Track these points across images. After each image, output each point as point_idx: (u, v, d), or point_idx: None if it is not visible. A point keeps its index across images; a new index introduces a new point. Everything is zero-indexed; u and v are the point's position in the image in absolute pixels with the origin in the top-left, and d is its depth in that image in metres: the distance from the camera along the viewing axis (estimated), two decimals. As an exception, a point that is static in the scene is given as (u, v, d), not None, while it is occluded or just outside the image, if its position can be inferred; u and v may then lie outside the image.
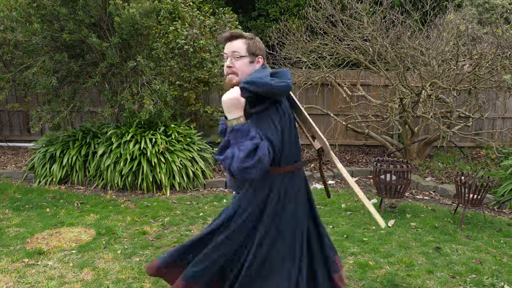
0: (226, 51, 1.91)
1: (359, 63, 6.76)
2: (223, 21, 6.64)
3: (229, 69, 1.89)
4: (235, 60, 1.87)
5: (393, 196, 4.59)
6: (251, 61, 1.89)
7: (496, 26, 5.47)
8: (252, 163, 1.69)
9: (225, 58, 1.91)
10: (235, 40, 1.89)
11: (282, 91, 1.80)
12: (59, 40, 5.37)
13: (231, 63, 1.88)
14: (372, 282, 3.10)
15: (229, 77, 1.89)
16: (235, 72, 1.88)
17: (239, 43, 1.89)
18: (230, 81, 1.88)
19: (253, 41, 1.91)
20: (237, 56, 1.87)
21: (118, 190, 5.42)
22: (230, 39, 1.90)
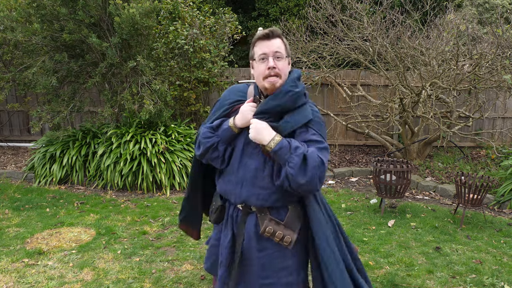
0: (265, 50, 1.70)
1: (359, 63, 6.76)
2: (223, 21, 6.64)
3: (272, 70, 1.69)
4: (277, 60, 1.70)
5: (393, 196, 4.59)
6: (289, 63, 1.77)
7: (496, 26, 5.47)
8: (310, 176, 1.61)
9: (261, 59, 1.71)
10: (275, 39, 1.72)
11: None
12: (59, 40, 5.37)
13: (274, 63, 1.68)
14: (372, 282, 3.10)
15: (272, 80, 1.70)
16: (278, 73, 1.70)
17: (279, 42, 1.72)
18: (274, 85, 1.70)
19: (286, 40, 1.79)
20: (279, 56, 1.70)
21: (118, 190, 5.42)
22: (270, 37, 1.71)
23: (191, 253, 3.55)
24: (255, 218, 1.81)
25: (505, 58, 5.28)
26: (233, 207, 1.87)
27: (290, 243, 1.77)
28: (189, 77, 6.17)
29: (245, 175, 1.78)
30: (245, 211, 1.83)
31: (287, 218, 1.80)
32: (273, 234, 1.76)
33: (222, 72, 6.59)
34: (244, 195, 1.78)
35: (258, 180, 1.76)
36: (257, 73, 1.75)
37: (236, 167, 1.80)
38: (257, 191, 1.76)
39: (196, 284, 3.06)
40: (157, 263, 3.37)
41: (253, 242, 1.81)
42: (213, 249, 1.99)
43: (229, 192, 1.84)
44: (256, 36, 1.76)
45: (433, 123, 5.89)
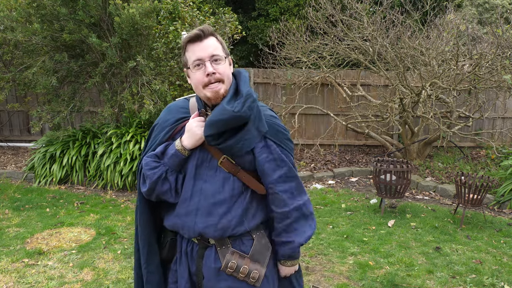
0: (200, 54, 1.43)
1: (359, 63, 6.76)
2: (223, 21, 6.64)
3: (211, 76, 1.43)
4: (216, 64, 1.44)
5: (393, 196, 4.59)
6: (230, 63, 1.52)
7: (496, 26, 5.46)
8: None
9: (196, 66, 1.45)
10: (208, 38, 1.45)
11: None
12: (59, 40, 5.37)
13: (213, 68, 1.43)
14: (372, 282, 3.10)
15: (214, 87, 1.45)
16: (220, 79, 1.45)
17: (214, 42, 1.46)
18: (217, 92, 1.45)
19: (220, 38, 1.51)
20: (218, 58, 1.45)
21: (118, 190, 5.42)
22: (202, 38, 1.44)
23: (191, 253, 3.55)
24: (214, 252, 1.54)
25: (505, 58, 5.28)
26: (187, 241, 1.58)
27: (258, 279, 1.52)
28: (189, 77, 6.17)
29: (200, 203, 1.50)
30: (202, 244, 1.55)
31: (253, 249, 1.54)
32: (236, 270, 1.50)
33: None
34: (200, 226, 1.50)
35: (216, 206, 1.49)
36: (195, 82, 1.48)
37: (188, 195, 1.52)
38: (215, 219, 1.49)
39: (196, 284, 3.05)
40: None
41: (213, 281, 1.53)
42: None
43: (180, 226, 1.54)
44: (185, 38, 1.47)
45: (433, 123, 5.89)
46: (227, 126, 1.42)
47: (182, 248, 1.59)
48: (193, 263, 1.57)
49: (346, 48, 6.44)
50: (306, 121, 7.57)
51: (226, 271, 1.50)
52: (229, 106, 1.41)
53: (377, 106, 6.59)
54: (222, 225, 1.49)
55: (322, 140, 7.32)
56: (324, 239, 3.91)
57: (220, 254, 1.52)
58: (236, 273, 1.50)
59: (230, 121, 1.41)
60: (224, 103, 1.43)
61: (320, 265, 3.39)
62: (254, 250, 1.54)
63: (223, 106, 1.42)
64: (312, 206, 1.60)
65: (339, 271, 3.28)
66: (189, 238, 1.56)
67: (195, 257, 1.56)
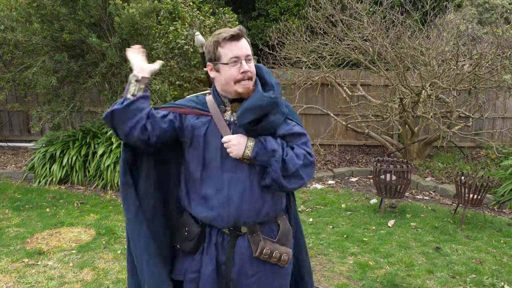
0: (238, 53, 1.56)
1: (359, 63, 6.76)
2: (223, 21, 6.63)
3: (246, 74, 1.57)
4: (249, 63, 1.58)
5: (393, 196, 4.59)
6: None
7: (496, 26, 5.46)
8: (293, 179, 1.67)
9: (234, 62, 1.57)
10: (243, 39, 1.59)
11: None
12: (59, 40, 5.37)
13: (249, 66, 1.57)
14: (372, 282, 3.10)
15: (245, 84, 1.58)
16: (251, 77, 1.59)
17: (246, 42, 1.60)
18: (248, 89, 1.59)
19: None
20: (250, 58, 1.59)
21: (118, 190, 5.42)
22: (239, 38, 1.57)
23: (191, 253, 3.55)
24: (246, 240, 1.65)
25: (505, 58, 5.28)
26: (216, 232, 1.67)
27: (287, 261, 1.67)
28: (189, 77, 6.17)
29: (232, 193, 1.60)
30: (234, 234, 1.65)
31: (280, 234, 1.69)
32: (270, 255, 1.63)
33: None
34: (233, 215, 1.60)
35: (246, 194, 1.61)
36: (226, 77, 1.59)
37: (220, 187, 1.61)
38: (247, 206, 1.61)
39: (196, 284, 3.05)
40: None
41: (245, 267, 1.64)
42: (192, 285, 1.69)
43: (214, 217, 1.62)
44: (221, 36, 1.58)
45: (433, 123, 5.89)
46: (265, 110, 1.57)
47: (212, 239, 1.67)
48: (224, 253, 1.66)
49: (346, 48, 6.44)
50: (306, 121, 7.57)
51: (261, 257, 1.62)
52: (266, 93, 1.58)
53: (377, 106, 6.59)
54: (253, 211, 1.62)
55: (322, 140, 7.31)
56: (324, 239, 3.91)
57: (252, 241, 1.64)
58: (270, 258, 1.63)
59: (268, 106, 1.57)
60: (260, 90, 1.58)
61: (320, 265, 3.39)
62: (280, 234, 1.68)
63: (261, 93, 1.57)
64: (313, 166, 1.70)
65: (339, 271, 3.28)
66: (220, 229, 1.66)
67: (225, 247, 1.65)
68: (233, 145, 1.58)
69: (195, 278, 1.68)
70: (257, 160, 1.59)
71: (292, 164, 1.58)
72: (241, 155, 1.58)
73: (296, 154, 1.61)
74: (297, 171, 1.59)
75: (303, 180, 1.62)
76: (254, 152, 1.58)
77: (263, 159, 1.58)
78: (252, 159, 1.58)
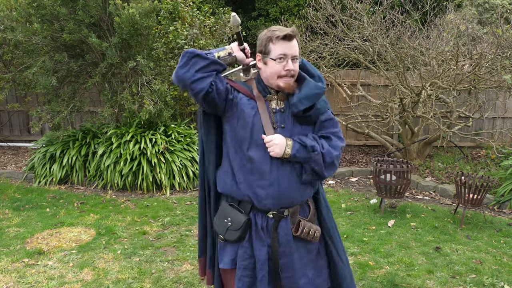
0: (285, 52, 1.71)
1: (359, 63, 6.76)
2: (223, 21, 6.64)
3: (289, 72, 1.72)
4: (294, 62, 1.73)
5: (393, 196, 4.59)
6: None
7: (496, 26, 5.47)
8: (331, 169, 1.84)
9: (280, 59, 1.71)
10: (294, 39, 1.73)
11: None
12: (59, 40, 5.37)
13: (294, 66, 1.73)
14: (372, 282, 3.10)
15: (288, 81, 1.74)
16: (294, 75, 1.75)
17: (296, 43, 1.74)
18: (289, 84, 1.75)
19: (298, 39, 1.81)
20: (296, 58, 1.74)
21: (118, 190, 5.42)
22: (291, 39, 1.72)
23: (191, 253, 3.55)
24: (288, 222, 1.79)
25: (505, 58, 5.28)
26: (261, 216, 1.79)
27: (318, 237, 1.84)
28: (189, 77, 6.16)
29: (280, 175, 1.74)
30: (277, 217, 1.77)
31: (311, 214, 1.86)
32: (309, 233, 1.79)
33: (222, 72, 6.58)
34: (284, 193, 1.75)
35: (293, 180, 1.76)
36: (271, 71, 1.74)
37: (268, 168, 1.73)
38: (292, 192, 1.76)
39: (196, 284, 3.06)
40: (157, 263, 3.37)
41: (290, 247, 1.79)
42: (246, 272, 1.79)
43: (264, 196, 1.74)
44: (275, 33, 1.71)
45: (433, 123, 5.89)
46: (318, 98, 1.75)
47: (258, 224, 1.79)
48: (268, 235, 1.79)
49: (346, 48, 6.44)
50: (306, 121, 7.56)
51: (302, 236, 1.78)
52: (319, 83, 1.76)
53: (377, 106, 6.59)
54: (300, 196, 1.79)
55: (322, 140, 7.30)
56: (324, 239, 3.91)
57: (292, 222, 1.79)
58: (307, 235, 1.79)
59: (321, 94, 1.76)
60: (312, 81, 1.76)
61: (320, 265, 3.38)
62: (311, 214, 1.86)
63: (314, 83, 1.75)
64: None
65: (339, 271, 3.27)
66: (264, 213, 1.78)
67: (270, 230, 1.78)
68: (275, 144, 1.70)
69: (249, 264, 1.79)
70: (297, 157, 1.72)
71: (329, 157, 1.75)
72: (282, 154, 1.71)
73: (333, 145, 1.78)
74: (333, 161, 1.77)
75: (336, 167, 1.80)
76: (295, 150, 1.71)
77: (302, 155, 1.72)
78: (292, 156, 1.71)
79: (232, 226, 1.77)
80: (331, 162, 1.75)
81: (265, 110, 1.76)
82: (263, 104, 1.77)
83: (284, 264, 1.79)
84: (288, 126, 1.77)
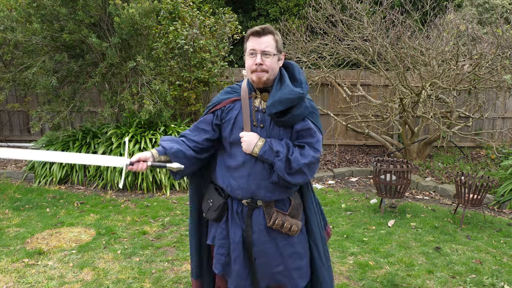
0: (254, 47, 1.81)
1: (359, 63, 6.76)
2: (223, 21, 6.64)
3: (258, 66, 1.81)
4: (265, 57, 1.80)
5: (393, 196, 4.59)
6: (279, 59, 1.87)
7: (496, 26, 5.46)
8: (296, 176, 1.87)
9: (250, 54, 1.82)
10: (266, 36, 1.81)
11: None
12: (59, 40, 5.37)
13: (261, 60, 1.80)
14: (372, 282, 3.10)
15: (258, 75, 1.82)
16: (265, 69, 1.82)
17: (269, 39, 1.82)
18: (260, 79, 1.83)
19: (279, 36, 1.87)
20: (267, 54, 1.80)
21: (118, 190, 5.42)
22: (260, 35, 1.81)
23: (191, 253, 3.55)
24: (261, 212, 1.91)
25: (505, 58, 5.28)
26: (237, 203, 1.93)
27: (296, 231, 1.91)
28: (189, 77, 6.17)
29: (252, 171, 1.86)
30: (251, 206, 1.91)
31: (291, 208, 1.93)
32: (281, 225, 1.88)
33: (222, 72, 6.58)
34: (253, 188, 1.86)
35: (264, 176, 1.86)
36: (246, 66, 1.86)
37: (241, 163, 1.87)
38: (265, 184, 1.86)
39: (196, 284, 3.06)
40: (157, 263, 3.37)
41: (262, 235, 1.91)
42: (221, 250, 1.98)
43: (235, 186, 1.89)
44: (248, 31, 1.84)
45: (433, 123, 5.89)
46: (292, 103, 1.80)
47: (234, 208, 1.94)
48: (243, 222, 1.93)
49: (346, 48, 6.44)
50: (306, 121, 7.56)
51: (274, 227, 1.88)
52: (296, 88, 1.80)
53: (377, 106, 6.59)
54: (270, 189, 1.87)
55: (322, 140, 7.30)
56: (324, 239, 3.90)
57: (266, 213, 1.89)
58: (281, 228, 1.88)
59: (296, 100, 1.79)
60: (290, 85, 1.81)
61: (320, 265, 3.38)
62: (291, 208, 1.93)
63: (291, 87, 1.80)
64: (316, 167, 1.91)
65: (339, 271, 3.28)
66: (240, 200, 1.91)
67: (244, 216, 1.92)
68: (245, 141, 1.83)
69: (224, 243, 1.96)
70: (264, 158, 1.82)
71: (296, 164, 1.78)
72: (250, 152, 1.82)
73: (303, 154, 1.82)
74: (301, 169, 1.79)
75: (306, 176, 1.83)
76: (262, 151, 1.81)
77: (269, 158, 1.81)
78: (259, 156, 1.82)
79: (212, 206, 1.97)
80: (298, 169, 1.79)
81: (247, 108, 1.88)
82: (246, 102, 1.89)
83: (258, 251, 1.92)
84: (266, 127, 1.87)
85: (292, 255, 1.94)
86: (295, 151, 1.81)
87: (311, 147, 1.84)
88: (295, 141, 1.88)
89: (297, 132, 1.86)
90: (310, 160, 1.81)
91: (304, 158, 1.80)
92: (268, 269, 1.93)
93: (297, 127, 1.85)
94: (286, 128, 1.86)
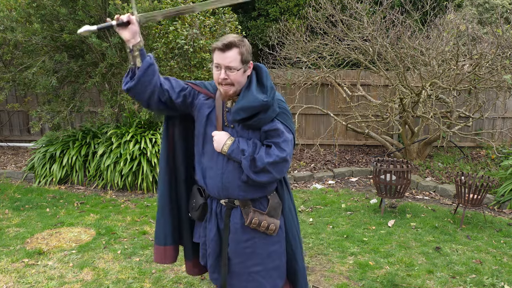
0: (219, 62, 1.81)
1: (359, 63, 6.76)
2: (223, 21, 6.63)
3: (223, 80, 1.82)
4: (230, 72, 1.81)
5: (393, 196, 4.59)
6: (245, 70, 1.86)
7: (496, 26, 5.46)
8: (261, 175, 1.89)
9: (216, 67, 1.83)
10: (230, 51, 1.80)
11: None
12: (59, 40, 5.37)
13: (226, 75, 1.81)
14: (372, 282, 3.10)
15: (226, 88, 1.84)
16: (230, 83, 1.83)
17: (233, 54, 1.80)
18: (227, 92, 1.86)
19: (245, 47, 1.83)
20: (232, 68, 1.81)
21: (118, 190, 5.42)
22: (224, 50, 1.79)
23: (191, 253, 3.55)
24: (239, 212, 1.96)
25: (505, 58, 5.28)
26: (216, 203, 2.00)
27: (274, 230, 1.96)
28: (189, 77, 6.17)
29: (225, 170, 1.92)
30: (229, 205, 1.97)
31: (269, 207, 1.97)
32: (258, 224, 1.92)
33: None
34: (227, 186, 1.92)
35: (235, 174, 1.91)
36: (214, 77, 1.88)
37: (215, 162, 1.94)
38: (238, 182, 1.91)
39: (196, 284, 3.06)
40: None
41: (239, 234, 1.96)
42: (204, 246, 2.11)
43: (211, 185, 1.96)
44: (214, 44, 1.84)
45: (433, 123, 5.89)
46: (256, 111, 1.82)
47: (213, 208, 2.01)
48: (222, 221, 1.99)
49: (346, 48, 6.44)
50: (306, 121, 7.57)
51: (251, 226, 1.92)
52: (259, 96, 1.81)
53: (377, 106, 6.59)
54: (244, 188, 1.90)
55: (322, 140, 7.31)
56: (324, 239, 3.91)
57: (243, 212, 1.94)
58: (258, 226, 1.93)
59: (259, 107, 1.82)
60: (254, 93, 1.82)
61: (320, 265, 3.39)
62: (270, 208, 1.96)
63: (254, 95, 1.81)
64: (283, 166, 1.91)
65: (339, 271, 3.28)
66: (218, 199, 1.98)
67: (223, 216, 1.98)
68: (215, 140, 1.89)
69: (204, 241, 2.08)
70: (232, 157, 1.87)
71: (260, 162, 1.82)
72: (220, 150, 1.88)
73: (269, 153, 1.84)
74: (265, 167, 1.82)
75: (272, 174, 1.85)
76: (230, 150, 1.87)
77: (236, 157, 1.86)
78: (228, 155, 1.88)
79: (194, 206, 2.06)
80: (262, 168, 1.82)
81: (220, 108, 1.94)
82: (220, 103, 1.94)
83: (233, 250, 1.97)
84: (236, 127, 1.92)
85: (271, 254, 1.98)
86: (261, 150, 1.84)
87: (278, 146, 1.86)
88: (264, 141, 1.91)
89: (265, 132, 1.89)
90: (275, 159, 1.82)
91: (269, 157, 1.82)
92: (244, 269, 1.97)
93: (265, 128, 1.88)
94: (254, 129, 1.91)
